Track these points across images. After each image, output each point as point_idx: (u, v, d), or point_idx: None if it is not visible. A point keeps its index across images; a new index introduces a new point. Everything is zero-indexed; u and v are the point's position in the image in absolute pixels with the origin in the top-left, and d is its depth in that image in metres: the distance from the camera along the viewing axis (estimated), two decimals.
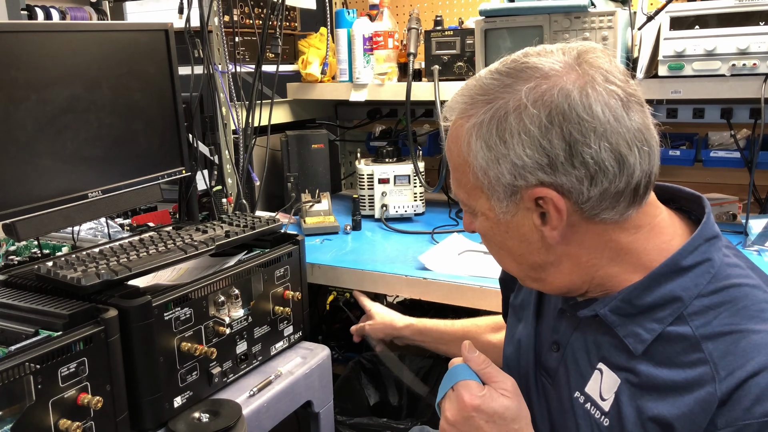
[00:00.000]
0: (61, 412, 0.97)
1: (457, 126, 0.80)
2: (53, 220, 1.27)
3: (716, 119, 1.95)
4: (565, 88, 0.72)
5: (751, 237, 1.66)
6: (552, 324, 0.91)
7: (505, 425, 0.81)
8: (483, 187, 0.78)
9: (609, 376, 0.79)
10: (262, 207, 2.10)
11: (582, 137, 0.71)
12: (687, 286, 0.75)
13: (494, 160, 0.75)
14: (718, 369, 0.69)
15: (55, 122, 1.26)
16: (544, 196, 0.74)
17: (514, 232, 0.80)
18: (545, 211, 0.76)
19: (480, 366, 0.85)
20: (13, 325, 1.04)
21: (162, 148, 1.51)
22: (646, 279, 0.77)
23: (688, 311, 0.74)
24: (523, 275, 0.86)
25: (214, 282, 1.24)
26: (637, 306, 0.77)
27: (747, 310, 0.72)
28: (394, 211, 2.06)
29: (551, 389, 0.89)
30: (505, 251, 0.84)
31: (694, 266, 0.76)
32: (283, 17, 1.97)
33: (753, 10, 1.54)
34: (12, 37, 1.19)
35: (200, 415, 1.17)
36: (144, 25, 1.49)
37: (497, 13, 1.75)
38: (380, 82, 2.06)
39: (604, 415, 0.79)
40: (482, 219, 0.82)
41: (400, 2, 2.44)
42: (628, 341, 0.77)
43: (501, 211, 0.78)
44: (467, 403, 0.81)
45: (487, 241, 0.85)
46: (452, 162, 0.82)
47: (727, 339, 0.71)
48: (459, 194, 0.84)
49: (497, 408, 0.81)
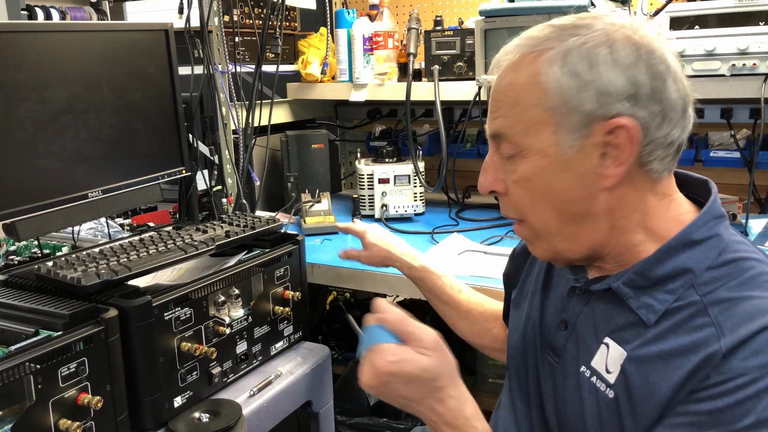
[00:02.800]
0: (61, 412, 0.97)
1: (526, 61, 0.80)
2: (53, 220, 1.27)
3: (716, 119, 1.95)
4: (648, 35, 0.78)
5: (751, 237, 1.66)
6: (560, 304, 0.93)
7: (424, 385, 0.80)
8: (553, 119, 0.78)
9: (615, 349, 0.81)
10: (262, 207, 2.10)
11: (665, 75, 0.77)
12: (697, 259, 0.78)
13: (578, 87, 0.76)
14: (723, 329, 0.72)
15: (55, 122, 1.26)
16: (624, 125, 0.76)
17: (571, 171, 0.79)
18: (616, 144, 0.77)
19: (396, 326, 0.82)
20: (13, 325, 1.04)
21: (162, 148, 1.51)
22: (659, 251, 0.80)
23: (697, 282, 0.77)
24: (557, 229, 0.83)
25: (214, 282, 1.24)
26: (649, 278, 0.80)
27: (753, 280, 0.76)
28: (394, 211, 2.06)
29: (558, 367, 0.90)
30: (549, 198, 0.81)
31: (704, 240, 0.79)
32: (283, 17, 1.97)
33: (753, 10, 1.54)
34: (12, 37, 1.19)
35: (200, 415, 1.17)
36: (144, 25, 1.49)
37: (497, 13, 1.75)
38: (380, 82, 2.06)
39: (609, 388, 0.81)
40: (536, 158, 0.80)
41: (400, 2, 2.45)
42: (640, 312, 0.80)
43: (567, 145, 0.78)
44: (381, 370, 0.79)
45: (531, 187, 0.81)
46: (512, 98, 0.80)
47: (731, 304, 0.74)
48: (511, 133, 0.81)
49: (413, 371, 0.79)
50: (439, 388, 0.80)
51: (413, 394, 0.81)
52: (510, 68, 0.82)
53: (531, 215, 0.84)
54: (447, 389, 0.81)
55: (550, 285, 0.98)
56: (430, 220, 2.08)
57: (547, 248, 0.86)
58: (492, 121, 0.83)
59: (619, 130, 0.76)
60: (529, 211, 0.84)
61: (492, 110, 0.83)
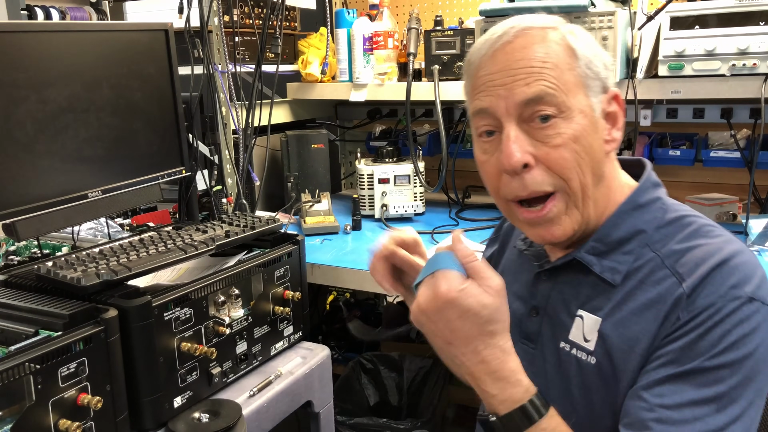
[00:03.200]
0: (61, 412, 0.97)
1: (548, 32, 0.85)
2: (53, 220, 1.27)
3: (716, 119, 1.95)
4: None
5: (751, 237, 1.66)
6: (526, 294, 0.97)
7: (478, 323, 0.77)
8: (583, 82, 0.84)
9: (589, 318, 0.87)
10: (262, 207, 2.10)
11: None
12: (647, 220, 0.87)
13: (593, 57, 0.85)
14: (682, 275, 0.81)
15: (55, 122, 1.26)
16: (618, 95, 0.88)
17: (598, 132, 0.85)
18: (613, 112, 0.87)
19: (467, 258, 0.78)
20: (13, 325, 1.04)
21: (162, 148, 1.51)
22: (613, 217, 0.88)
23: (651, 241, 0.86)
24: (591, 192, 0.85)
25: (214, 282, 1.23)
26: (608, 243, 0.87)
27: (697, 232, 0.85)
28: (394, 211, 2.06)
29: (536, 352, 0.93)
30: (590, 158, 0.83)
31: (649, 203, 0.89)
32: (283, 17, 1.98)
33: (753, 10, 1.54)
34: (12, 37, 1.19)
35: (200, 415, 1.17)
36: (144, 25, 1.49)
37: (497, 13, 1.74)
38: (380, 82, 2.06)
39: (590, 355, 0.86)
40: (580, 117, 0.83)
41: (400, 2, 2.45)
42: (605, 276, 0.86)
43: (595, 107, 0.85)
44: (442, 294, 0.76)
45: (577, 148, 0.82)
46: (550, 61, 0.82)
47: (686, 252, 0.83)
48: (554, 95, 0.81)
49: (473, 304, 0.76)
50: (491, 333, 0.77)
51: (464, 331, 0.77)
52: (528, 37, 0.84)
53: (574, 178, 0.83)
54: (498, 336, 0.78)
55: (515, 286, 0.99)
56: (430, 220, 2.08)
57: (578, 219, 0.86)
58: (525, 86, 0.81)
59: (614, 100, 0.87)
60: (573, 174, 0.83)
61: (518, 78, 0.82)
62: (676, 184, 2.06)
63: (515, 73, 0.82)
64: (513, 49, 0.83)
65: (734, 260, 0.80)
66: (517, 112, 0.82)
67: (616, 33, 1.63)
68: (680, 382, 0.77)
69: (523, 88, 0.82)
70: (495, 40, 0.85)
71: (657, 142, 2.01)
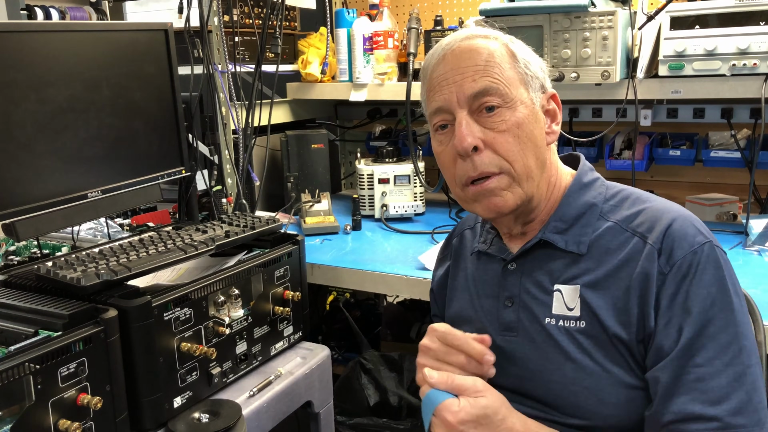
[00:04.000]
0: (60, 412, 0.97)
1: (486, 40, 0.97)
2: (53, 220, 1.27)
3: (716, 119, 1.95)
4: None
5: (751, 237, 1.66)
6: (496, 289, 1.04)
7: (491, 421, 0.88)
8: (524, 79, 0.96)
9: (567, 289, 0.96)
10: (262, 207, 2.10)
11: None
12: (594, 195, 1.00)
13: (530, 61, 0.98)
14: (644, 233, 0.93)
15: (55, 122, 1.26)
16: (555, 94, 1.01)
17: (538, 122, 0.97)
18: (551, 110, 1.00)
19: (447, 384, 0.91)
20: (13, 325, 1.04)
21: (162, 148, 1.51)
22: (565, 197, 1.00)
23: (603, 212, 0.98)
24: (535, 174, 0.96)
25: (214, 282, 1.23)
26: (567, 220, 0.99)
27: (639, 199, 0.99)
28: (394, 211, 2.06)
29: (519, 338, 0.99)
30: (533, 143, 0.95)
31: (592, 182, 1.02)
32: (283, 17, 1.97)
33: (753, 10, 1.54)
34: (12, 37, 1.19)
35: (200, 416, 1.17)
36: (144, 25, 1.49)
37: (497, 13, 1.74)
38: (380, 82, 2.06)
39: (577, 321, 0.94)
40: (521, 108, 0.95)
41: (400, 2, 2.44)
42: (571, 248, 0.97)
43: (535, 101, 0.97)
44: (453, 422, 0.87)
45: (520, 133, 0.94)
46: (492, 60, 0.95)
47: (637, 215, 0.95)
48: (500, 86, 0.94)
49: (478, 412, 0.88)
50: (503, 419, 0.89)
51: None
52: (472, 43, 0.97)
53: (518, 160, 0.95)
54: (509, 418, 0.90)
55: (482, 287, 1.07)
56: (430, 220, 2.08)
57: (521, 194, 0.96)
58: (472, 82, 0.94)
59: (552, 99, 1.01)
60: (517, 157, 0.95)
61: (466, 75, 0.95)
62: (676, 184, 2.06)
63: (464, 71, 0.95)
64: (461, 51, 0.96)
65: (680, 214, 0.94)
66: (467, 104, 0.95)
67: (616, 33, 1.63)
68: (701, 339, 0.86)
69: (471, 84, 0.94)
70: (444, 46, 0.98)
71: (657, 142, 2.01)
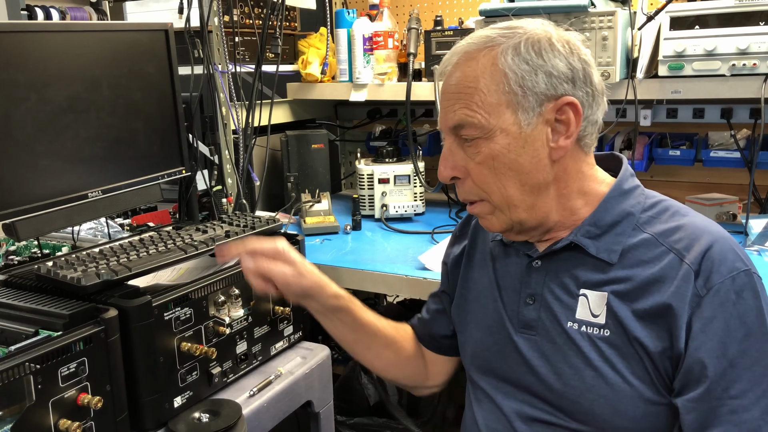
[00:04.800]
0: (61, 412, 0.97)
1: (480, 55, 0.92)
2: (53, 220, 1.27)
3: (716, 119, 1.95)
4: (567, 34, 0.95)
5: (751, 237, 1.66)
6: (518, 285, 1.02)
7: None
8: (512, 101, 0.90)
9: (594, 295, 0.93)
10: (262, 207, 2.10)
11: (590, 63, 0.93)
12: (633, 204, 0.96)
13: (532, 71, 0.90)
14: (681, 251, 0.90)
15: (55, 122, 1.26)
16: (571, 102, 0.91)
17: (529, 146, 0.91)
18: (564, 120, 0.91)
19: None
20: (13, 325, 1.04)
21: (162, 148, 1.51)
22: (603, 203, 0.96)
23: (639, 222, 0.94)
24: (519, 201, 0.94)
25: (214, 282, 1.24)
26: (601, 226, 0.95)
27: (678, 213, 0.95)
28: (394, 211, 2.06)
29: (538, 338, 0.98)
30: (514, 172, 0.92)
31: (631, 190, 0.97)
32: (283, 17, 1.97)
33: (753, 10, 1.54)
34: (12, 37, 1.19)
35: (200, 415, 1.17)
36: (144, 25, 1.49)
37: (497, 13, 1.74)
38: (380, 82, 2.06)
39: (602, 329, 0.92)
40: (500, 137, 0.91)
41: (400, 2, 2.44)
42: (602, 256, 0.94)
43: (525, 123, 0.90)
44: None
45: (496, 165, 0.92)
46: (474, 86, 0.91)
47: (675, 231, 0.92)
48: (475, 118, 0.91)
49: None
50: None
51: None
52: (463, 64, 0.93)
53: (494, 192, 0.94)
54: None
55: (503, 278, 1.05)
56: (430, 220, 2.08)
57: (506, 220, 0.96)
58: (452, 113, 0.93)
59: (566, 107, 0.91)
60: (493, 188, 0.93)
61: (450, 104, 0.93)
62: (676, 184, 2.06)
63: (449, 97, 0.94)
64: (451, 73, 0.94)
65: (721, 236, 0.91)
66: (451, 132, 0.95)
67: (616, 33, 1.63)
68: (735, 370, 0.85)
69: (451, 115, 0.93)
70: (446, 60, 0.96)
71: (657, 142, 2.01)
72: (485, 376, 1.06)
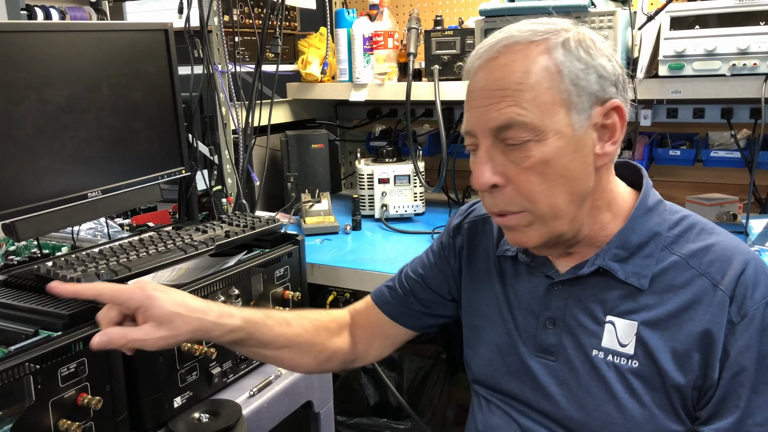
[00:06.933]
0: (60, 412, 0.97)
1: (531, 49, 0.83)
2: (53, 220, 1.27)
3: (716, 119, 1.95)
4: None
5: (751, 237, 1.66)
6: (536, 307, 0.94)
7: None
8: (566, 100, 0.82)
9: (622, 324, 0.87)
10: (262, 207, 2.10)
11: (624, 71, 0.87)
12: (659, 222, 0.89)
13: (584, 70, 0.82)
14: (713, 275, 0.84)
15: (55, 122, 1.26)
16: (618, 106, 0.85)
17: (580, 151, 0.84)
18: (609, 125, 0.85)
19: None
20: (13, 325, 1.04)
21: (162, 148, 1.51)
22: (630, 222, 0.89)
23: (666, 243, 0.88)
24: (564, 212, 0.85)
25: (214, 282, 1.23)
26: (629, 248, 0.88)
27: (704, 230, 0.89)
28: (394, 211, 2.06)
29: (557, 365, 0.91)
30: (564, 179, 0.83)
31: (656, 206, 0.91)
32: (283, 17, 1.97)
33: (753, 10, 1.54)
34: (12, 37, 1.19)
35: (200, 415, 1.17)
36: (144, 25, 1.49)
37: (497, 13, 1.74)
38: (380, 82, 2.05)
39: (630, 359, 0.86)
40: (554, 140, 0.82)
41: (400, 2, 2.44)
42: (631, 281, 0.87)
43: (578, 125, 0.83)
44: None
45: (548, 170, 0.82)
46: (524, 82, 0.81)
47: (704, 252, 0.86)
48: (528, 118, 0.81)
49: None
50: None
51: None
52: (505, 58, 0.83)
53: (541, 201, 0.84)
54: None
55: (514, 297, 0.98)
56: (430, 220, 2.08)
57: (546, 233, 0.86)
58: (496, 113, 0.82)
59: (612, 112, 0.85)
60: (540, 197, 0.84)
61: (492, 102, 0.83)
62: (676, 184, 2.06)
63: (491, 94, 0.83)
64: (494, 67, 0.84)
65: (752, 258, 0.86)
66: (491, 135, 0.84)
67: (616, 33, 1.63)
68: (763, 396, 0.82)
69: (495, 114, 0.82)
70: (484, 52, 0.85)
71: (657, 142, 2.01)
72: (494, 392, 1.01)
